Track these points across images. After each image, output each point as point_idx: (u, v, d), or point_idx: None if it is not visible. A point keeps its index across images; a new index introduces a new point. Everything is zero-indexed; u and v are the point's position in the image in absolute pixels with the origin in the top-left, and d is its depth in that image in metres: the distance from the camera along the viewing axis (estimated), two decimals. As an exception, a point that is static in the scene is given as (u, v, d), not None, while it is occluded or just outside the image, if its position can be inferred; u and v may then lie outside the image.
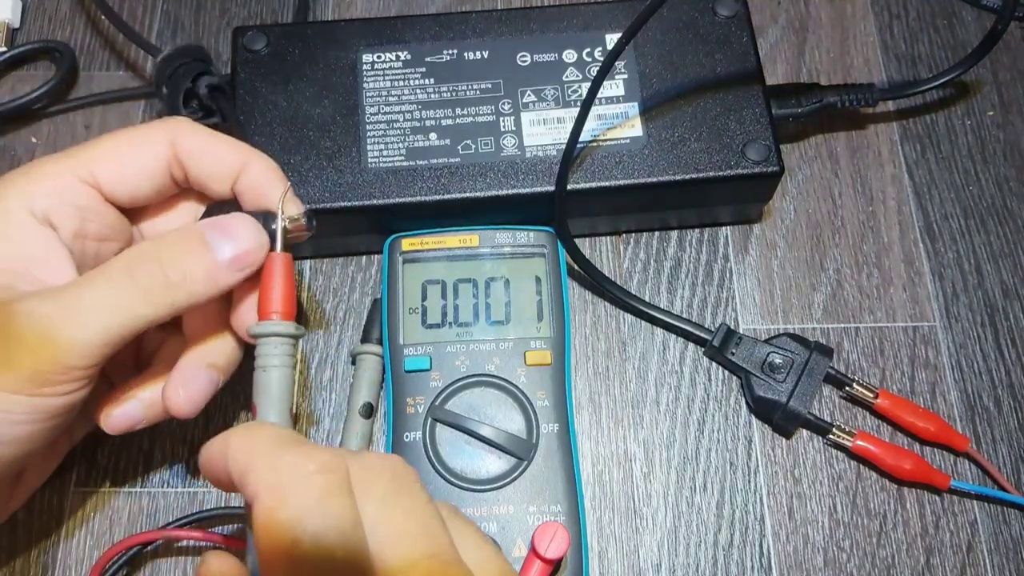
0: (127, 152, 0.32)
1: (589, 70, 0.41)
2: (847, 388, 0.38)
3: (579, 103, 0.40)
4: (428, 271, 0.38)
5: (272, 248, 0.32)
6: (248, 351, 0.33)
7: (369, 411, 0.37)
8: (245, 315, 0.32)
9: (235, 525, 0.36)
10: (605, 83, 0.39)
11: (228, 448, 0.25)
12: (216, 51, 0.46)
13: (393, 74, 0.41)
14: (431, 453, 0.35)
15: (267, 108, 0.40)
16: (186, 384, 0.32)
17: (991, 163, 0.44)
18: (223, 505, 0.37)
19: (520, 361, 0.37)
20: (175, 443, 0.38)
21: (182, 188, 0.34)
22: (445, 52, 0.41)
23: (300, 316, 0.37)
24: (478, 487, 0.35)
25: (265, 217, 0.32)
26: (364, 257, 0.42)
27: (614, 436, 0.39)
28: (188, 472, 0.38)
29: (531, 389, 0.36)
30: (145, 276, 0.29)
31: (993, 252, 0.42)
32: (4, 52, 0.46)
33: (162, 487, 0.37)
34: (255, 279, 0.31)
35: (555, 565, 0.33)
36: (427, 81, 0.41)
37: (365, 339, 0.38)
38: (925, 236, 0.43)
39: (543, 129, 0.40)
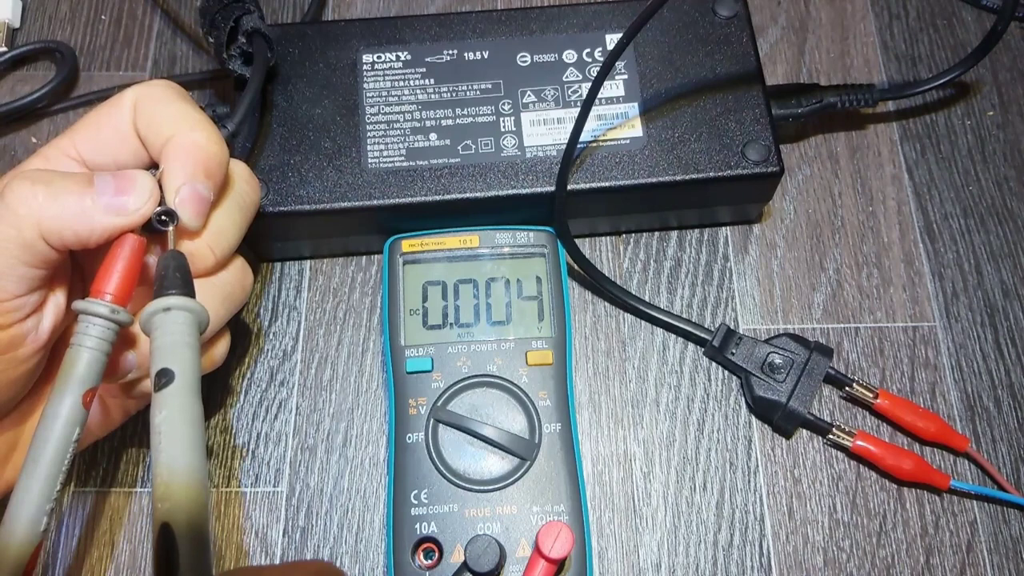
0: (100, 119, 0.32)
1: (589, 70, 0.41)
2: (847, 388, 0.39)
3: (579, 103, 0.40)
4: (429, 272, 0.39)
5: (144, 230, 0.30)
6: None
7: (164, 379, 0.27)
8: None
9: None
10: (605, 83, 0.39)
11: None
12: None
13: (393, 74, 0.41)
14: (433, 454, 0.35)
15: (267, 108, 0.40)
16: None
17: (991, 163, 0.44)
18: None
19: (522, 361, 0.37)
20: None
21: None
22: (445, 52, 0.41)
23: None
24: (481, 487, 0.35)
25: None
26: (364, 257, 0.42)
27: (614, 436, 0.39)
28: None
29: (533, 389, 0.36)
30: (16, 197, 0.29)
31: (993, 252, 0.42)
32: (4, 52, 0.46)
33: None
34: None
35: (559, 564, 0.33)
36: (427, 81, 0.41)
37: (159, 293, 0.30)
38: (925, 236, 0.43)
39: (543, 129, 0.40)
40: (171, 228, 0.30)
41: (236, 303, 0.34)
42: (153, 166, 0.32)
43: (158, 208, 0.30)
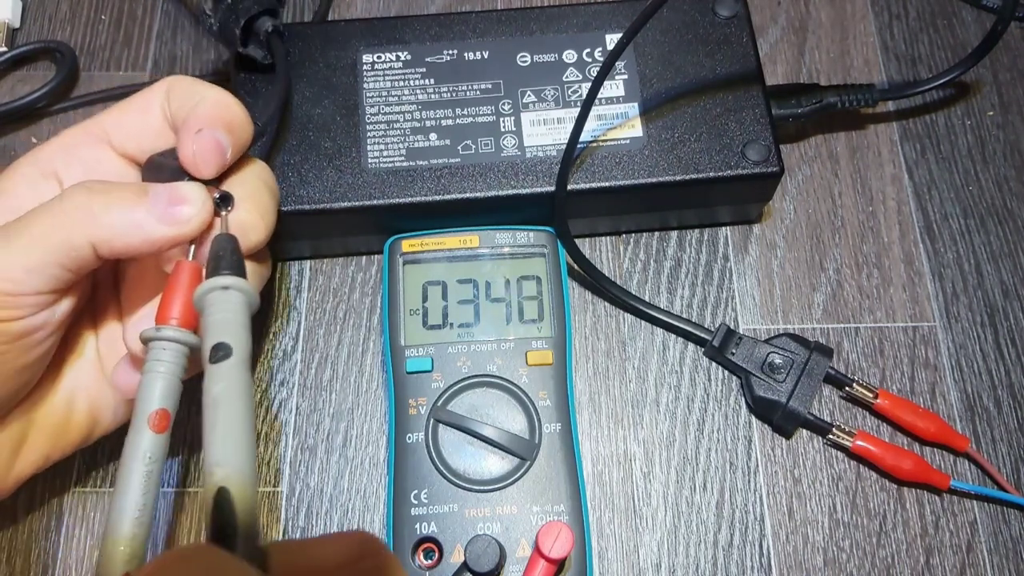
0: (132, 106, 0.34)
1: (589, 70, 0.41)
2: (847, 388, 0.39)
3: (579, 103, 0.40)
4: (429, 272, 0.39)
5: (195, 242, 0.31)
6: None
7: (221, 352, 0.27)
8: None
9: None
10: (605, 83, 0.39)
11: None
12: (217, 52, 0.46)
13: (393, 74, 0.41)
14: (433, 454, 0.35)
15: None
16: (127, 365, 0.32)
17: (991, 163, 0.44)
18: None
19: (521, 361, 0.37)
20: (174, 444, 0.38)
21: None
22: (445, 52, 0.41)
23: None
24: (481, 487, 0.35)
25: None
26: (364, 257, 0.42)
27: (614, 436, 0.39)
28: (186, 473, 0.38)
29: (533, 389, 0.36)
30: (73, 204, 0.29)
31: (993, 252, 0.42)
32: (4, 52, 0.46)
33: (160, 487, 0.37)
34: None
35: (559, 564, 0.33)
36: (427, 81, 0.41)
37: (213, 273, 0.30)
38: (925, 236, 0.43)
39: (543, 129, 0.40)
40: (225, 212, 0.31)
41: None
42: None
43: (222, 191, 0.31)
